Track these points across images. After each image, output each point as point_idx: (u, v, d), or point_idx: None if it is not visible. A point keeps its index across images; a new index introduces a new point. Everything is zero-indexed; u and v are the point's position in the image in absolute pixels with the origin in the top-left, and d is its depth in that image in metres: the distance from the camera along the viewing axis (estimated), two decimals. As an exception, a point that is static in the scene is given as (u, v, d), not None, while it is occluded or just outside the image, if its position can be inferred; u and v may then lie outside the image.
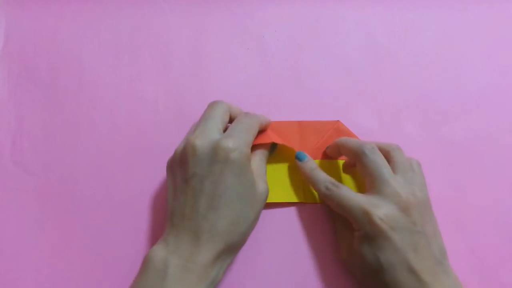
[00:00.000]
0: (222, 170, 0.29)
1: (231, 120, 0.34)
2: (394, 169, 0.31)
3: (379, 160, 0.31)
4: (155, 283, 0.27)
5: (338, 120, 0.38)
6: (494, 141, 0.38)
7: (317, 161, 0.37)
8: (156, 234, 0.35)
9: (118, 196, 0.36)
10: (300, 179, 0.36)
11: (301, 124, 0.38)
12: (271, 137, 0.35)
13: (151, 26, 0.41)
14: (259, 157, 0.34)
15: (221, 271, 0.29)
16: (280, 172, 0.36)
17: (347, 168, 0.37)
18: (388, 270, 0.29)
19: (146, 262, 0.28)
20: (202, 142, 0.29)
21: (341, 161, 0.37)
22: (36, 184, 0.36)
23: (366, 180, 0.32)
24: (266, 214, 0.36)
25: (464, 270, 0.34)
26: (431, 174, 0.36)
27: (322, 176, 0.33)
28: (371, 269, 0.30)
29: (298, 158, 0.35)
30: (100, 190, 0.36)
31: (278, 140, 0.35)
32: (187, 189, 0.29)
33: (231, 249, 0.30)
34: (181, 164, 0.30)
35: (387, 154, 0.32)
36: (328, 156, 0.37)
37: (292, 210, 0.36)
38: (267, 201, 0.36)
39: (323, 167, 0.36)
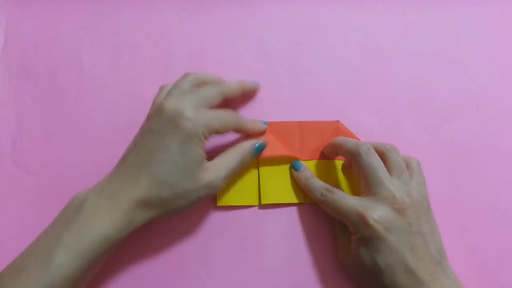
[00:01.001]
0: (171, 131, 0.30)
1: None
2: (389, 170, 0.31)
3: (374, 162, 0.31)
4: (69, 216, 0.29)
5: (338, 120, 0.38)
6: (494, 141, 0.38)
7: (316, 161, 0.37)
8: (155, 232, 0.35)
9: (118, 196, 0.36)
10: (293, 179, 0.36)
11: (301, 125, 0.38)
12: (275, 148, 0.36)
13: (151, 26, 0.41)
14: (234, 150, 0.34)
15: (139, 220, 0.30)
16: (280, 173, 0.36)
17: (346, 168, 0.37)
18: (386, 271, 0.29)
19: (70, 201, 0.30)
20: (170, 106, 0.31)
21: (339, 162, 0.37)
22: (36, 184, 0.36)
23: (361, 181, 0.32)
24: (266, 214, 0.36)
25: (464, 270, 0.34)
26: (431, 174, 0.36)
27: (317, 184, 0.34)
28: (369, 272, 0.30)
29: (294, 167, 0.36)
30: (100, 190, 0.36)
31: (278, 151, 0.36)
32: (139, 140, 0.31)
33: (150, 206, 0.30)
34: (147, 119, 0.32)
35: (382, 155, 0.32)
36: (327, 156, 0.37)
37: (292, 210, 0.36)
38: (269, 202, 0.36)
39: (322, 167, 0.37)
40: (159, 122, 0.31)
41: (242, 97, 0.38)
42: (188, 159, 0.30)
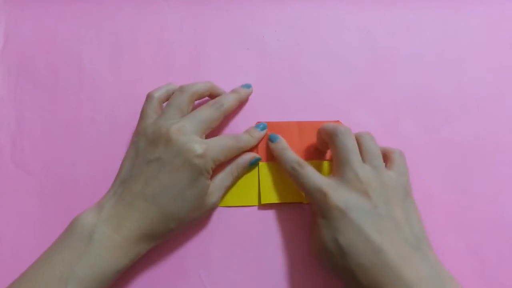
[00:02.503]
0: (182, 167, 0.30)
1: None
2: (363, 156, 0.31)
3: (348, 144, 0.31)
4: (79, 244, 0.28)
5: (338, 121, 0.38)
6: (494, 141, 0.38)
7: (316, 162, 0.37)
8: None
9: (118, 196, 0.36)
10: None
11: (300, 125, 0.38)
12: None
13: (151, 26, 0.41)
14: (230, 169, 0.35)
15: (145, 250, 0.31)
16: (280, 173, 0.36)
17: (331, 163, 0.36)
18: (350, 252, 0.27)
19: (74, 224, 0.30)
20: (178, 137, 0.31)
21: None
22: (36, 184, 0.36)
23: (334, 162, 0.32)
24: (266, 214, 0.36)
25: (464, 270, 0.34)
26: (431, 174, 0.36)
27: (291, 156, 0.34)
28: (334, 256, 0.28)
29: (271, 139, 0.36)
30: (100, 190, 0.36)
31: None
32: (145, 168, 0.31)
33: (157, 237, 0.31)
34: (150, 144, 0.32)
35: (358, 142, 0.32)
36: (327, 157, 0.37)
37: (292, 210, 0.36)
38: (269, 202, 0.36)
39: (322, 168, 0.37)
40: (167, 154, 0.31)
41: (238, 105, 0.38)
42: (197, 192, 0.31)
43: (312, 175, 0.31)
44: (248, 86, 0.38)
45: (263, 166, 0.36)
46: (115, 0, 0.41)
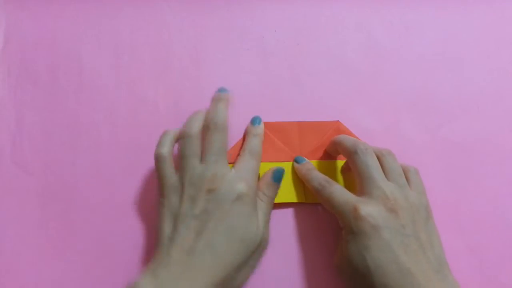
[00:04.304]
0: (230, 210, 0.29)
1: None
2: (386, 174, 0.31)
3: (370, 161, 0.31)
4: None
5: (338, 121, 0.38)
6: (494, 141, 0.38)
7: (316, 161, 0.37)
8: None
9: (118, 196, 0.36)
10: (294, 179, 0.36)
11: (300, 125, 0.38)
12: (275, 148, 0.36)
13: (151, 26, 0.41)
14: (265, 199, 0.33)
15: None
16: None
17: (345, 170, 0.36)
18: (376, 272, 0.27)
19: None
20: (218, 185, 0.30)
21: (340, 162, 0.37)
22: (36, 184, 0.36)
23: (356, 181, 0.32)
24: (266, 214, 0.36)
25: (464, 270, 0.34)
26: (431, 174, 0.36)
27: (318, 175, 0.34)
28: (359, 273, 0.28)
29: (297, 161, 0.36)
30: (100, 190, 0.36)
31: (279, 152, 0.36)
32: (192, 222, 0.29)
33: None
34: (189, 199, 0.30)
35: (379, 160, 0.32)
36: (328, 157, 0.37)
37: (293, 210, 0.36)
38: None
39: (322, 167, 0.36)
40: (213, 203, 0.29)
41: None
42: (252, 229, 0.30)
43: (341, 191, 0.31)
44: (223, 90, 0.35)
45: (263, 168, 0.36)
46: (115, 0, 0.41)
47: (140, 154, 0.37)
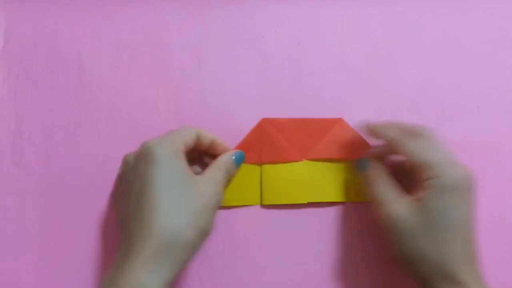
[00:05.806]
0: (146, 167, 0.28)
1: (205, 148, 0.34)
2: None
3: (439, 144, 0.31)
4: None
5: (341, 118, 0.38)
6: (494, 140, 0.38)
7: (319, 163, 0.36)
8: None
9: (118, 196, 0.36)
10: (296, 179, 0.36)
11: (303, 122, 0.38)
12: (278, 145, 0.36)
13: (151, 26, 0.41)
14: (217, 166, 0.33)
15: (169, 275, 0.26)
16: (283, 172, 0.36)
17: (349, 169, 0.36)
18: (450, 228, 0.27)
19: None
20: (129, 154, 0.31)
21: (342, 164, 0.37)
22: (36, 184, 0.36)
23: (415, 164, 0.30)
24: (268, 214, 0.36)
25: (464, 270, 0.34)
26: (431, 174, 0.36)
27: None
28: (427, 227, 0.28)
29: (361, 166, 0.34)
30: (100, 190, 0.36)
31: (282, 149, 0.36)
32: (122, 199, 0.30)
33: (170, 250, 0.26)
34: (118, 182, 0.32)
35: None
36: (329, 154, 0.37)
37: (294, 210, 0.36)
38: (271, 203, 0.35)
39: (324, 167, 0.36)
40: (128, 171, 0.31)
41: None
42: (180, 176, 0.29)
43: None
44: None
45: (265, 168, 0.36)
46: (115, 0, 0.41)
47: (140, 154, 0.37)
